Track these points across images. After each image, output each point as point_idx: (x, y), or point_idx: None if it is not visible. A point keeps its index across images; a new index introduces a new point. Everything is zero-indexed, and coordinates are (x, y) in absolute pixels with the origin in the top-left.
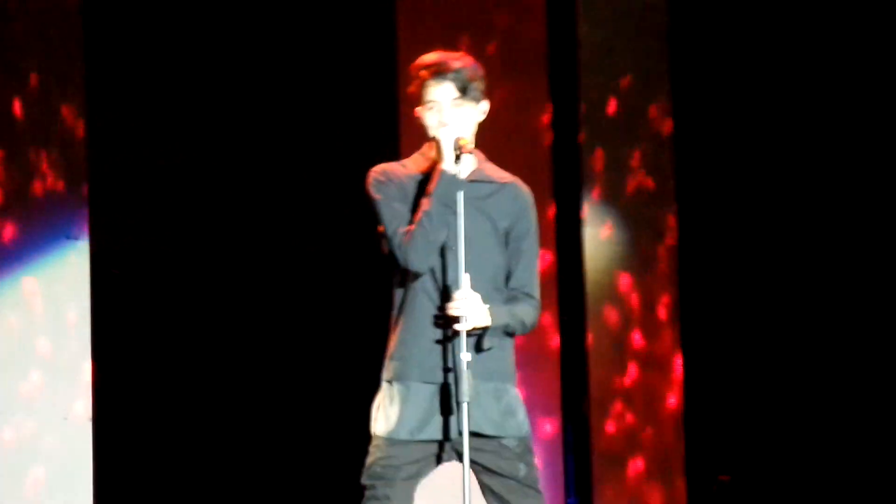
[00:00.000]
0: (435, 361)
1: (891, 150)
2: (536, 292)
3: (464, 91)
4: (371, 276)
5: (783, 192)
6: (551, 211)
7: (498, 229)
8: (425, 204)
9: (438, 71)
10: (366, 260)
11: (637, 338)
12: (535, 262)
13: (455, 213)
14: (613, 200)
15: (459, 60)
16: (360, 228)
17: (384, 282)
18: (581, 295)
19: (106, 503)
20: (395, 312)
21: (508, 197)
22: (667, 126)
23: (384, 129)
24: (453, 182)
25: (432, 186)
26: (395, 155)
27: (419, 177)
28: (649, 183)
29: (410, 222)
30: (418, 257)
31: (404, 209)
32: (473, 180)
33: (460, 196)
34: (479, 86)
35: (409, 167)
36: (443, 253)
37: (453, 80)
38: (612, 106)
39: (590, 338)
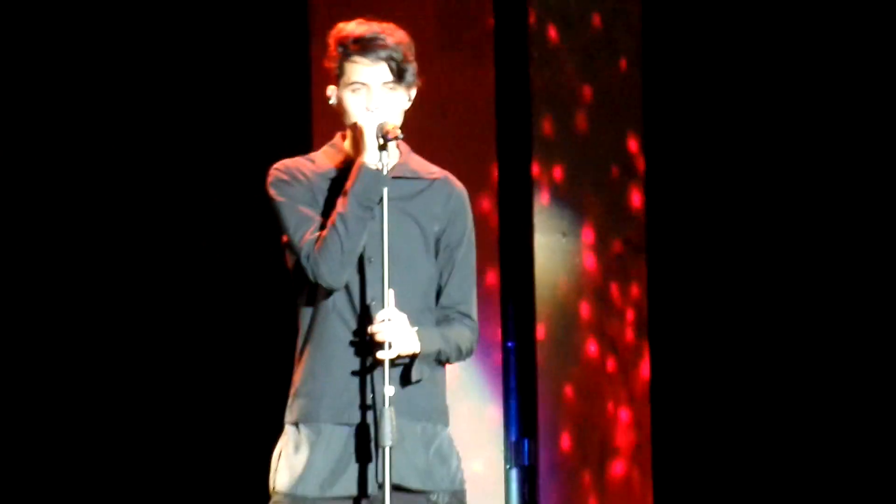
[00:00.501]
0: (350, 398)
1: (853, 152)
2: (473, 311)
3: (399, 74)
4: (272, 296)
5: (753, 193)
6: (493, 217)
7: (427, 235)
8: (340, 205)
9: (369, 47)
10: (266, 275)
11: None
12: (471, 274)
13: (376, 216)
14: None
15: (394, 35)
16: (259, 236)
17: (288, 302)
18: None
19: None
20: (301, 339)
21: (439, 196)
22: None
23: (292, 112)
24: (376, 178)
25: (350, 184)
26: (305, 146)
27: (332, 173)
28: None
29: (322, 228)
30: (331, 270)
31: (313, 213)
32: (397, 176)
33: (385, 194)
34: (414, 68)
35: (320, 162)
36: (360, 265)
37: (388, 59)
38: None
39: (539, 359)
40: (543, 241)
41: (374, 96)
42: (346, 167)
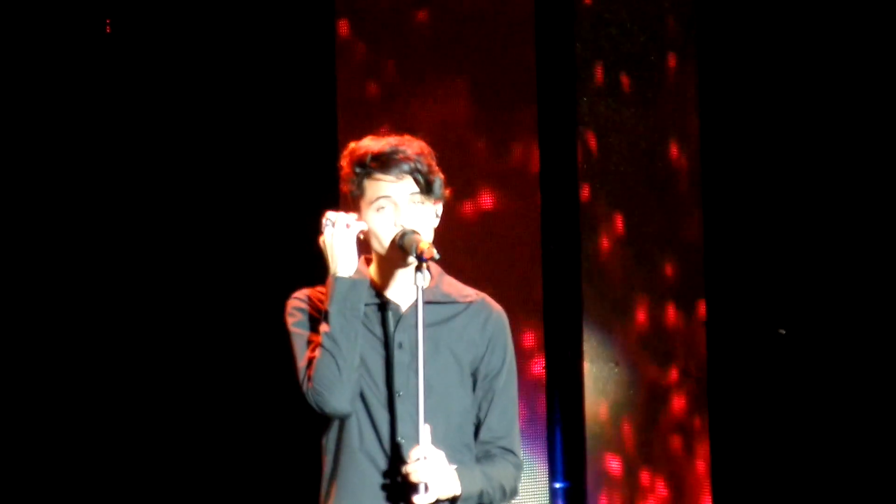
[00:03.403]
0: None
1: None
2: (517, 446)
3: (427, 186)
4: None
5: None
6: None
7: (462, 364)
8: (324, 326)
9: (392, 161)
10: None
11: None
12: (513, 405)
13: (384, 336)
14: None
15: (413, 146)
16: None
17: (313, 441)
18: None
19: None
20: (325, 484)
21: (475, 321)
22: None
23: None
24: (350, 285)
25: (327, 301)
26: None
27: None
28: None
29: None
30: (332, 393)
31: (317, 341)
32: (428, 301)
33: (419, 313)
34: (441, 179)
35: None
36: (390, 400)
37: (412, 171)
38: None
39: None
40: (594, 369)
41: (402, 212)
42: (370, 299)
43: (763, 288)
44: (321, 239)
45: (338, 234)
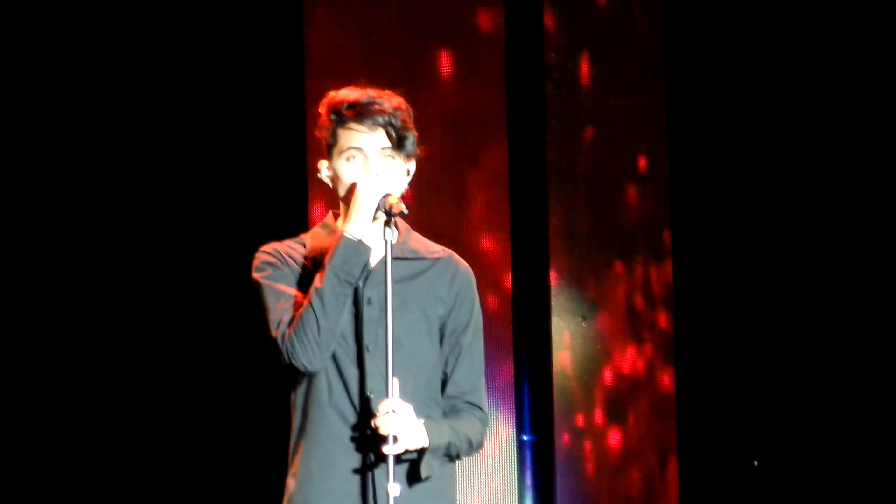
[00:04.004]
0: (352, 500)
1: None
2: (483, 401)
3: (399, 142)
4: (265, 390)
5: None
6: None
7: (430, 320)
8: (317, 280)
9: (366, 112)
10: (256, 370)
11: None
12: (479, 361)
13: (353, 292)
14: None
15: (392, 100)
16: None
17: (282, 396)
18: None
19: None
20: (294, 436)
21: (442, 277)
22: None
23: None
24: (357, 251)
25: (328, 256)
26: (301, 224)
27: (324, 256)
28: None
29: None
30: (307, 352)
31: (293, 294)
32: (395, 257)
33: (388, 269)
34: (415, 137)
35: (310, 245)
36: (359, 355)
37: (386, 125)
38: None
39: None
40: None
41: (371, 163)
42: None
43: (733, 241)
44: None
45: (369, 190)
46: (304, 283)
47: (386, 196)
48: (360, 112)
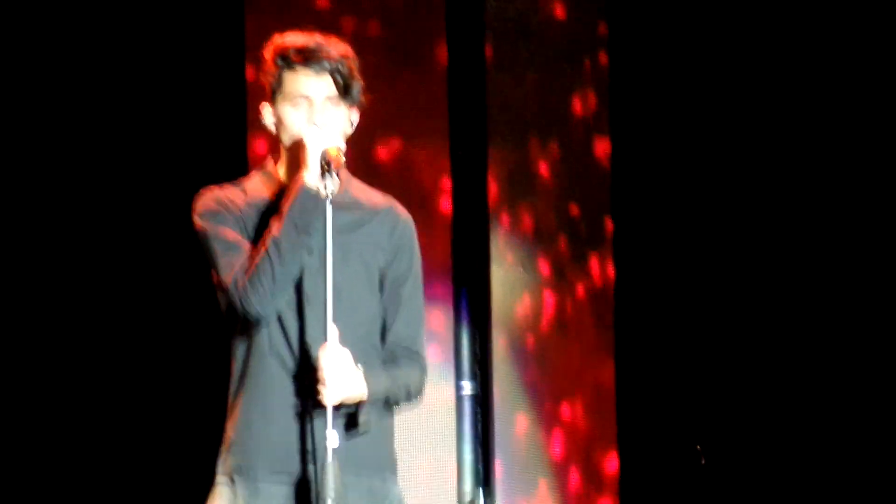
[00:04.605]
0: (290, 449)
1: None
2: (422, 349)
3: (345, 89)
4: (202, 337)
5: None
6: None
7: (370, 270)
8: (275, 229)
9: (313, 57)
10: (195, 315)
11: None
12: (419, 311)
13: (313, 244)
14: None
15: (338, 47)
16: (187, 272)
17: (220, 344)
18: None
19: None
20: (234, 384)
21: (383, 227)
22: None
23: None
24: (315, 201)
25: (286, 205)
26: (240, 170)
27: (264, 202)
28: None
29: (252, 257)
30: (261, 300)
31: (243, 242)
32: (337, 206)
33: (328, 217)
34: (361, 85)
35: (251, 190)
36: (299, 304)
37: (332, 71)
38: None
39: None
40: (500, 273)
41: (316, 110)
42: (279, 195)
43: (676, 230)
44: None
45: (316, 140)
46: (247, 228)
47: (326, 149)
48: (308, 57)
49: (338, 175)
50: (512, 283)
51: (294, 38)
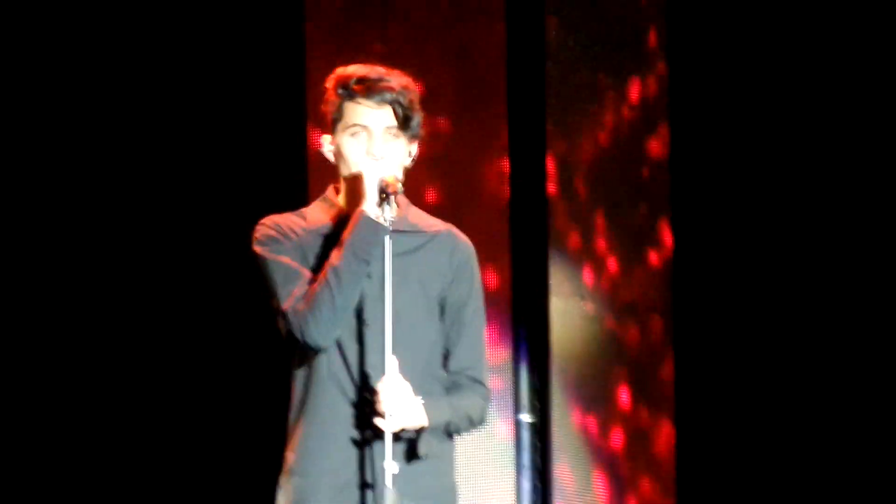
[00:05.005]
0: (349, 477)
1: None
2: (485, 376)
3: (405, 121)
4: (264, 365)
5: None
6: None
7: (429, 295)
8: (334, 257)
9: (374, 88)
10: (256, 344)
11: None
12: (481, 336)
13: (373, 271)
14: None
15: (400, 79)
16: (247, 302)
17: (281, 370)
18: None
19: None
20: (294, 411)
21: (442, 251)
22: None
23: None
24: (375, 229)
25: (346, 234)
26: (300, 200)
27: (324, 229)
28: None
29: (312, 284)
30: (320, 328)
31: (302, 269)
32: (396, 230)
33: (388, 246)
34: (421, 118)
35: (311, 218)
36: (358, 330)
37: (393, 102)
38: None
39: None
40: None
41: (375, 142)
42: (339, 223)
43: (732, 225)
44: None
45: (374, 172)
46: (306, 256)
47: (382, 178)
48: (369, 87)
49: (395, 201)
50: (571, 313)
51: (356, 69)
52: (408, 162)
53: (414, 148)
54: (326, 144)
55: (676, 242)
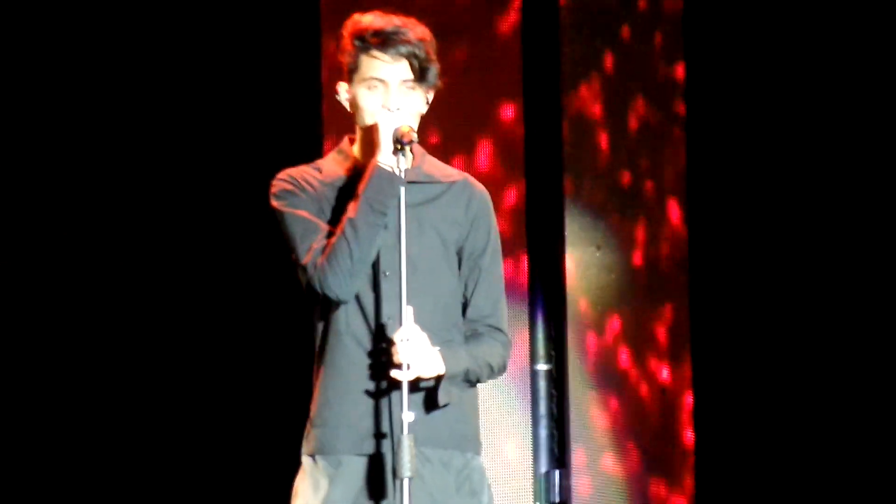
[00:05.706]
0: (370, 426)
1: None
2: (504, 323)
3: (421, 73)
4: (287, 317)
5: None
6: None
7: (447, 244)
8: (351, 210)
9: (390, 41)
10: (278, 295)
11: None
12: (499, 283)
13: (389, 226)
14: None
15: (416, 30)
16: (268, 248)
17: (304, 323)
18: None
19: None
20: (316, 363)
21: (459, 200)
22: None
23: (301, 114)
24: (391, 180)
25: (362, 186)
26: (315, 149)
27: (340, 181)
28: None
29: (331, 236)
30: (339, 280)
31: (321, 222)
32: (411, 181)
33: (402, 196)
34: (437, 69)
35: (327, 170)
36: (375, 280)
37: (409, 56)
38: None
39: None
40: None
41: (392, 95)
42: (355, 174)
43: (747, 193)
44: (369, 118)
45: (390, 124)
46: (323, 208)
47: (398, 127)
48: (385, 41)
49: (411, 151)
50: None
51: (372, 20)
52: (424, 110)
53: (430, 96)
54: (343, 92)
55: (688, 221)
